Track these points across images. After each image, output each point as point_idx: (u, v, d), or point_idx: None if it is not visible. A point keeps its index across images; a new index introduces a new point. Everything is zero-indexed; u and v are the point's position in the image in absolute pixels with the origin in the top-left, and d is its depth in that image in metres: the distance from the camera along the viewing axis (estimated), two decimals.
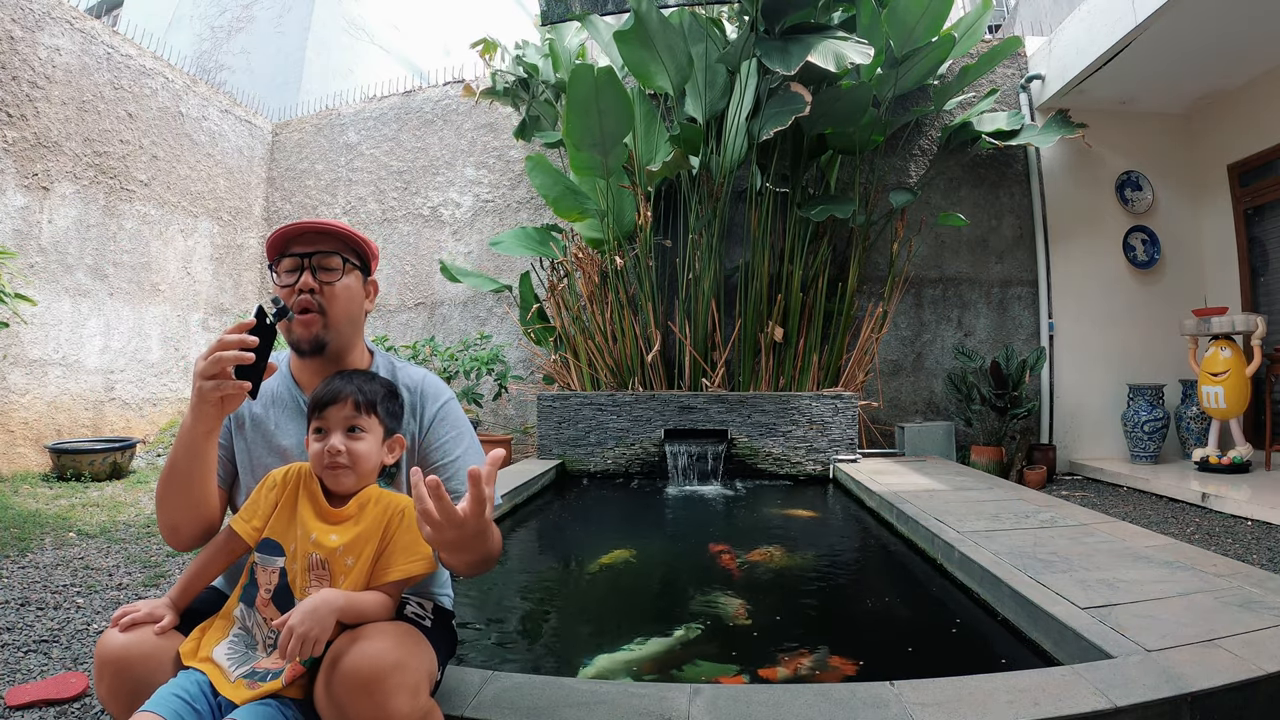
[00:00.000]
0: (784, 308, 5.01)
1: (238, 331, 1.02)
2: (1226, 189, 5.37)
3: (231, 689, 0.98)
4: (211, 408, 1.03)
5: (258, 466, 1.22)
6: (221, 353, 1.00)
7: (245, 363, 1.01)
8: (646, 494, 4.23)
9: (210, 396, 1.01)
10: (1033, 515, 2.88)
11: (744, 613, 2.14)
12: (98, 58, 5.32)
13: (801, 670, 1.76)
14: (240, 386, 1.02)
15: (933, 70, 5.08)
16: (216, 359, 0.99)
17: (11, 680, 1.76)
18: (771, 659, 1.81)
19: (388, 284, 6.72)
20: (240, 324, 1.03)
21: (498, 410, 6.11)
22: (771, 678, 1.71)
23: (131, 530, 3.38)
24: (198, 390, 1.01)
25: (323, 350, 1.22)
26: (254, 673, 1.01)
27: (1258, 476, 4.31)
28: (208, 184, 6.40)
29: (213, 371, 1.00)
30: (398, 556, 1.10)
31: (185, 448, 1.07)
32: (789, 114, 4.40)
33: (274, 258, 1.24)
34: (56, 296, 4.98)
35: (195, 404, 1.03)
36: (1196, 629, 1.59)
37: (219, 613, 1.11)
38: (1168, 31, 4.35)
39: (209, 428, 1.06)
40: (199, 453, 1.08)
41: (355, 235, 1.25)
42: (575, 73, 4.36)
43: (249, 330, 1.03)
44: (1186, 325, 4.86)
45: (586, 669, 1.76)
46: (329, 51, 8.71)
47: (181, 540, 1.14)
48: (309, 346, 1.20)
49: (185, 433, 1.06)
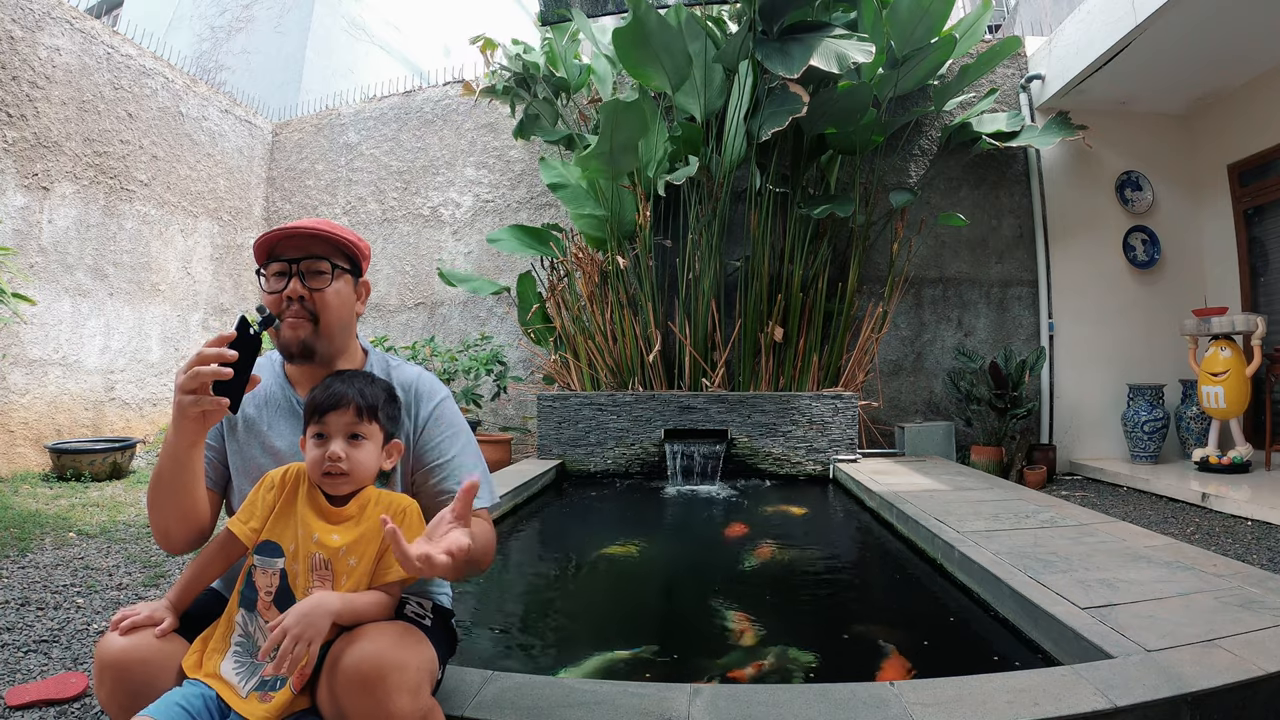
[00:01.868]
0: (784, 308, 5.01)
1: (218, 344, 0.99)
2: (1226, 189, 5.37)
3: (245, 705, 0.98)
4: (192, 422, 1.01)
5: (251, 468, 1.21)
6: (200, 367, 0.97)
7: (224, 378, 0.98)
8: (646, 494, 4.23)
9: (190, 412, 0.99)
10: (1033, 515, 2.88)
11: (744, 612, 2.14)
12: (98, 58, 5.32)
13: (801, 670, 1.76)
14: (218, 403, 0.99)
15: (933, 71, 5.08)
16: (194, 374, 0.97)
17: (11, 680, 1.76)
18: (771, 658, 1.80)
19: (387, 284, 6.72)
20: (220, 336, 1.00)
21: (497, 410, 6.10)
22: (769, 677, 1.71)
23: (131, 530, 3.38)
24: (177, 404, 0.99)
25: (312, 357, 1.20)
26: (264, 682, 1.01)
27: (1258, 476, 4.31)
28: (208, 184, 6.40)
29: (191, 386, 0.97)
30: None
31: (170, 458, 1.06)
32: (786, 114, 4.41)
33: (262, 261, 1.21)
34: (56, 296, 4.98)
35: (176, 418, 1.01)
36: (1196, 629, 1.59)
37: (219, 620, 1.10)
38: (1168, 31, 4.35)
39: (191, 441, 1.04)
40: (184, 463, 1.07)
41: (345, 238, 1.23)
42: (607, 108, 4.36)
43: (230, 342, 1.00)
44: (1186, 325, 4.86)
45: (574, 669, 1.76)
46: (329, 51, 8.71)
47: (174, 544, 1.13)
48: (298, 351, 1.19)
49: (169, 444, 1.05)
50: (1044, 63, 5.49)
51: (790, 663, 1.80)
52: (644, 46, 4.50)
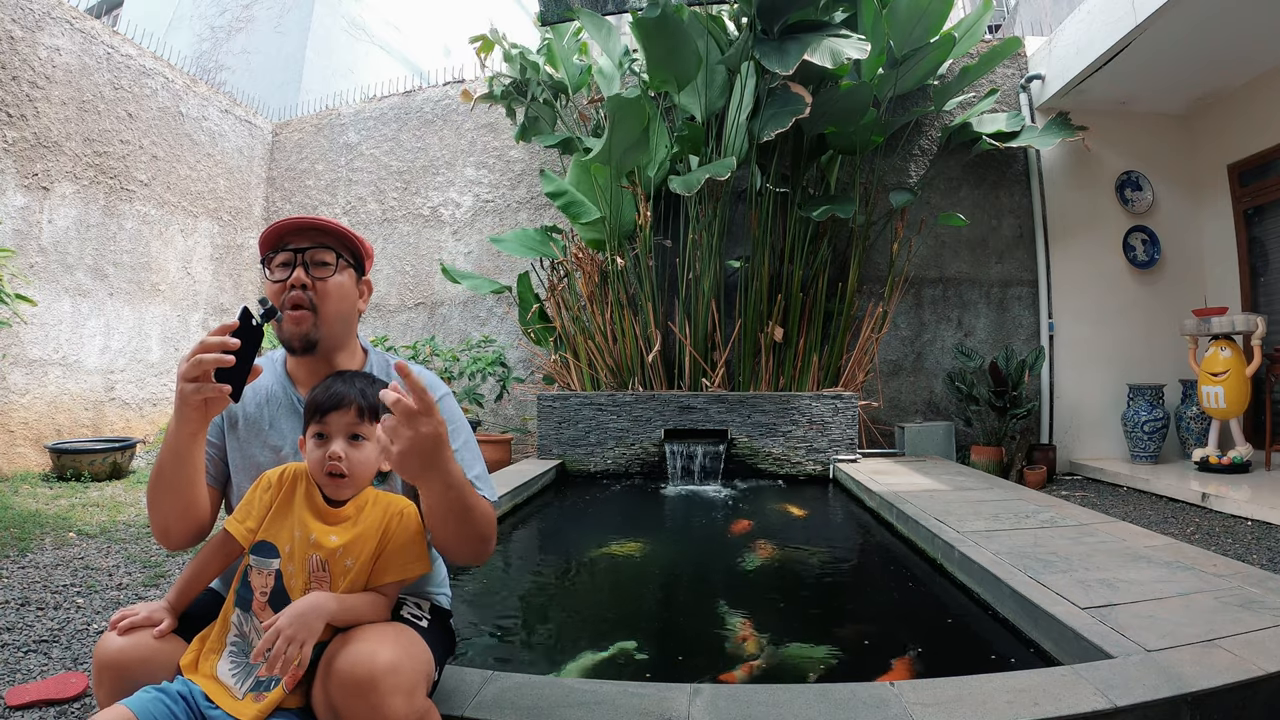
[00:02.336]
0: (784, 308, 5.01)
1: (220, 333, 0.99)
2: (1226, 189, 5.37)
3: (240, 706, 0.98)
4: (194, 411, 1.01)
5: (251, 465, 1.21)
6: (202, 355, 0.97)
7: (226, 365, 0.99)
8: (646, 494, 4.23)
9: (192, 400, 0.99)
10: (1033, 515, 2.88)
11: (744, 612, 2.14)
12: (98, 58, 5.32)
13: (800, 670, 1.76)
14: (220, 390, 0.99)
15: (933, 70, 5.08)
16: (197, 361, 0.97)
17: (11, 680, 1.76)
18: (770, 658, 1.80)
19: (387, 284, 6.72)
20: (223, 326, 1.01)
21: (498, 410, 6.10)
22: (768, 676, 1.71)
23: (131, 530, 3.38)
24: (179, 393, 1.00)
25: (314, 348, 1.20)
26: (259, 683, 1.00)
27: (1258, 476, 4.31)
28: (208, 184, 6.40)
29: (193, 374, 0.98)
30: (395, 558, 1.09)
31: (171, 451, 1.06)
32: (788, 115, 4.40)
33: (267, 253, 1.22)
34: (56, 296, 4.98)
35: (178, 407, 1.01)
36: (1196, 629, 1.59)
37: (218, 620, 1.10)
38: (1168, 31, 4.35)
39: (193, 430, 1.04)
40: (185, 456, 1.07)
41: (350, 233, 1.24)
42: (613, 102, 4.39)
43: (232, 332, 1.00)
44: (1186, 325, 4.86)
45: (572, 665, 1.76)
46: (329, 51, 8.71)
47: (173, 541, 1.13)
48: (300, 344, 1.19)
49: (170, 436, 1.05)
50: (1044, 63, 5.49)
51: (790, 662, 1.79)
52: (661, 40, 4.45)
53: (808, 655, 1.84)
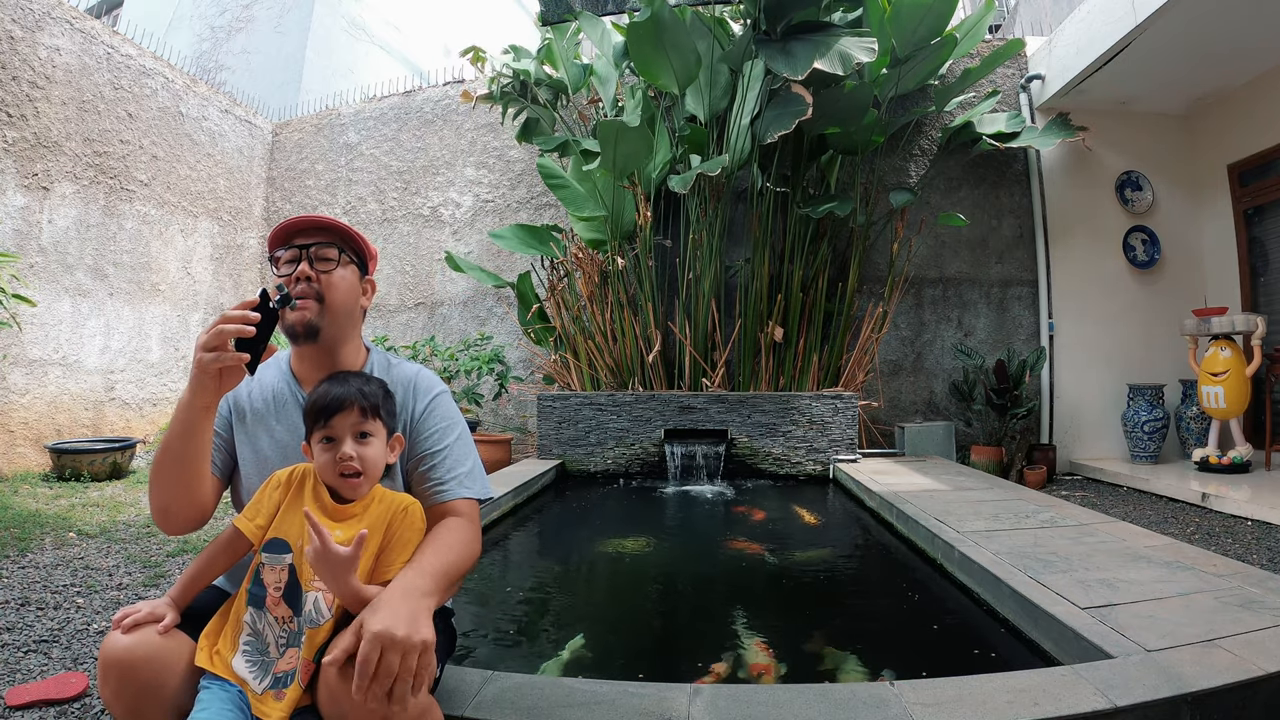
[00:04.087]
0: (784, 308, 5.01)
1: (242, 309, 1.05)
2: (1226, 189, 5.37)
3: (262, 706, 1.01)
4: (210, 380, 1.05)
5: (260, 459, 1.24)
6: (224, 325, 1.02)
7: (247, 336, 1.04)
8: (646, 494, 4.23)
9: (210, 368, 1.03)
10: (1033, 515, 2.88)
11: (743, 611, 2.14)
12: (98, 58, 5.32)
13: (800, 670, 1.76)
14: (239, 358, 1.04)
15: (934, 71, 5.07)
16: (218, 331, 1.02)
17: (11, 680, 1.76)
18: (769, 658, 1.80)
19: (387, 284, 6.72)
20: (244, 302, 1.06)
21: (497, 410, 6.10)
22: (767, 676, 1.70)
23: (131, 530, 3.38)
24: (198, 362, 1.03)
25: (316, 336, 1.23)
26: (276, 680, 1.03)
27: (1258, 476, 4.31)
28: (208, 184, 6.40)
29: (214, 344, 1.02)
30: (399, 554, 1.11)
31: (181, 424, 1.09)
32: (791, 117, 4.39)
33: (274, 251, 1.27)
34: (56, 296, 4.98)
35: (195, 376, 1.05)
36: (1196, 629, 1.59)
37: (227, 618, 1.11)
38: (1168, 31, 4.35)
39: (206, 402, 1.07)
40: (195, 430, 1.09)
41: (354, 232, 1.29)
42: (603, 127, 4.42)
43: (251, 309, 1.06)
44: (1186, 325, 4.86)
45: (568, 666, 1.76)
46: (329, 51, 8.71)
47: (172, 523, 1.15)
48: (303, 331, 1.21)
49: (182, 408, 1.08)
50: (1044, 63, 5.49)
51: (789, 662, 1.79)
52: (657, 43, 4.47)
53: (808, 655, 1.84)
